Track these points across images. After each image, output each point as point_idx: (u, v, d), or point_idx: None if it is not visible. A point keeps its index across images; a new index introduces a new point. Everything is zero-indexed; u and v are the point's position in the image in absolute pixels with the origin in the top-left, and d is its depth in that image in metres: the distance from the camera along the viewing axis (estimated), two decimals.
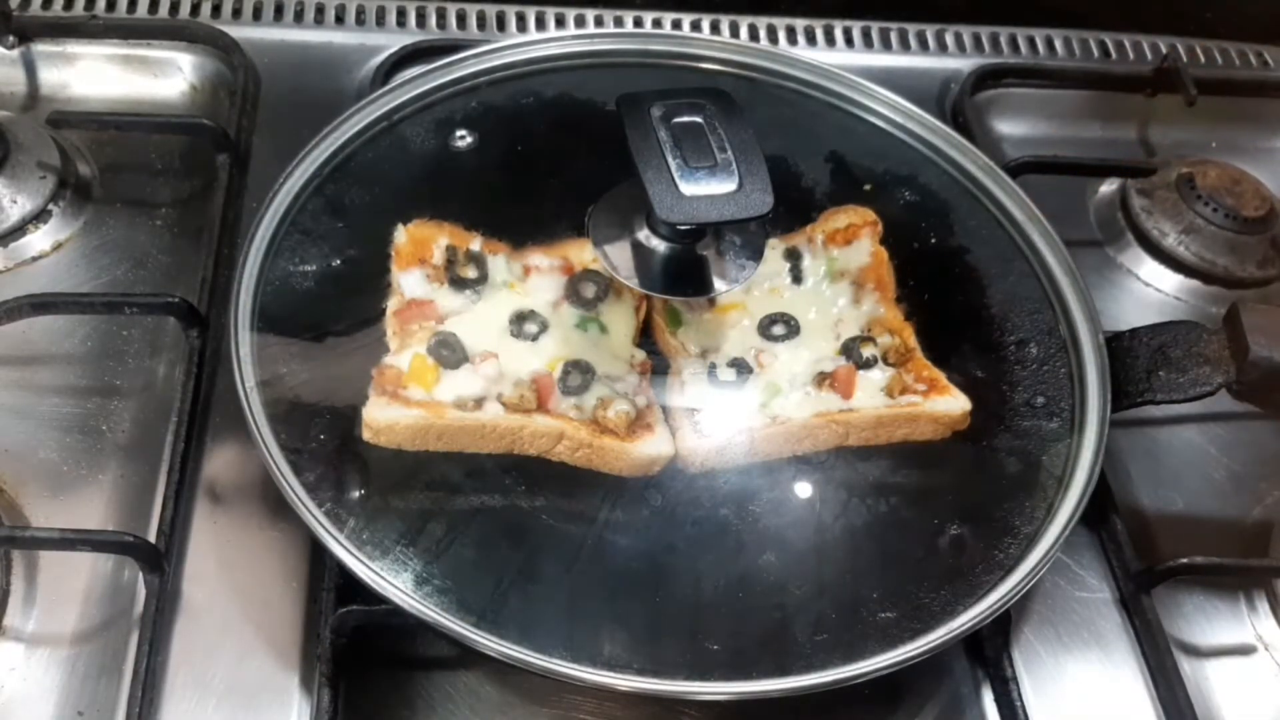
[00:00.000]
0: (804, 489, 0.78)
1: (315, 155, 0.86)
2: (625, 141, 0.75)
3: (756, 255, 0.81)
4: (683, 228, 0.77)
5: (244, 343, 0.76)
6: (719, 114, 0.74)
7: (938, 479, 0.80)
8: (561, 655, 0.68)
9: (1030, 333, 0.86)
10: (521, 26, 1.13)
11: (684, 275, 0.79)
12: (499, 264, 0.81)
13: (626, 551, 0.74)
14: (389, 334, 0.78)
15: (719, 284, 0.79)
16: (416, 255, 0.81)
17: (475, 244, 0.83)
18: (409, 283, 0.80)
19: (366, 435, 0.74)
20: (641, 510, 0.75)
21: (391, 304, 0.80)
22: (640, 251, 0.79)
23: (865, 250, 0.86)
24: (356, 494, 0.73)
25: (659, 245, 0.79)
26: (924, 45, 1.18)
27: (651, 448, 0.75)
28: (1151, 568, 0.83)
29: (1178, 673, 0.79)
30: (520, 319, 0.79)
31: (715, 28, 1.15)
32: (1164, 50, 1.19)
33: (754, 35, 1.16)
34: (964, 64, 1.15)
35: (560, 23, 1.13)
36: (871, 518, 0.76)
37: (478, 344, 0.78)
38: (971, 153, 0.94)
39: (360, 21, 1.11)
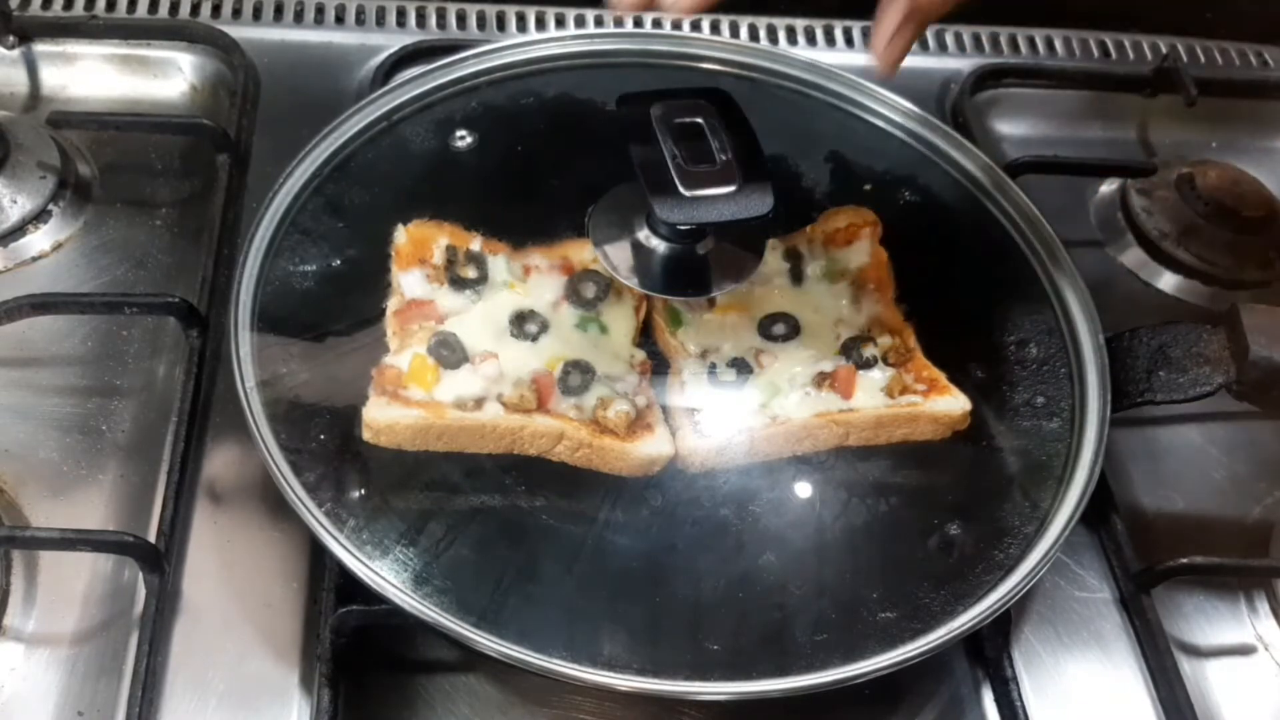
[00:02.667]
0: (804, 489, 0.78)
1: (315, 155, 0.86)
2: (625, 141, 0.75)
3: (757, 255, 0.81)
4: (683, 228, 0.77)
5: (244, 343, 0.76)
6: (719, 114, 0.74)
7: (938, 479, 0.80)
8: (561, 655, 0.67)
9: (1030, 333, 0.86)
10: (521, 26, 1.13)
11: (684, 275, 0.79)
12: (499, 264, 0.81)
13: (626, 551, 0.74)
14: (389, 334, 0.78)
15: (719, 284, 0.79)
16: (416, 255, 0.81)
17: (475, 244, 0.83)
18: (409, 283, 0.80)
19: (366, 435, 0.74)
20: (641, 510, 0.75)
21: (391, 304, 0.80)
22: (640, 251, 0.79)
23: (865, 250, 0.86)
24: (356, 494, 0.73)
25: (659, 245, 0.79)
26: (924, 45, 1.18)
27: (651, 448, 0.75)
28: (1151, 568, 0.83)
29: (1178, 673, 0.79)
30: (520, 319, 0.79)
31: (715, 28, 1.15)
32: (1164, 50, 1.19)
33: (754, 35, 1.16)
34: (964, 64, 1.15)
35: (560, 23, 1.13)
36: (871, 518, 0.76)
37: (478, 344, 0.78)
38: (971, 153, 0.94)
39: (360, 21, 1.11)
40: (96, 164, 0.98)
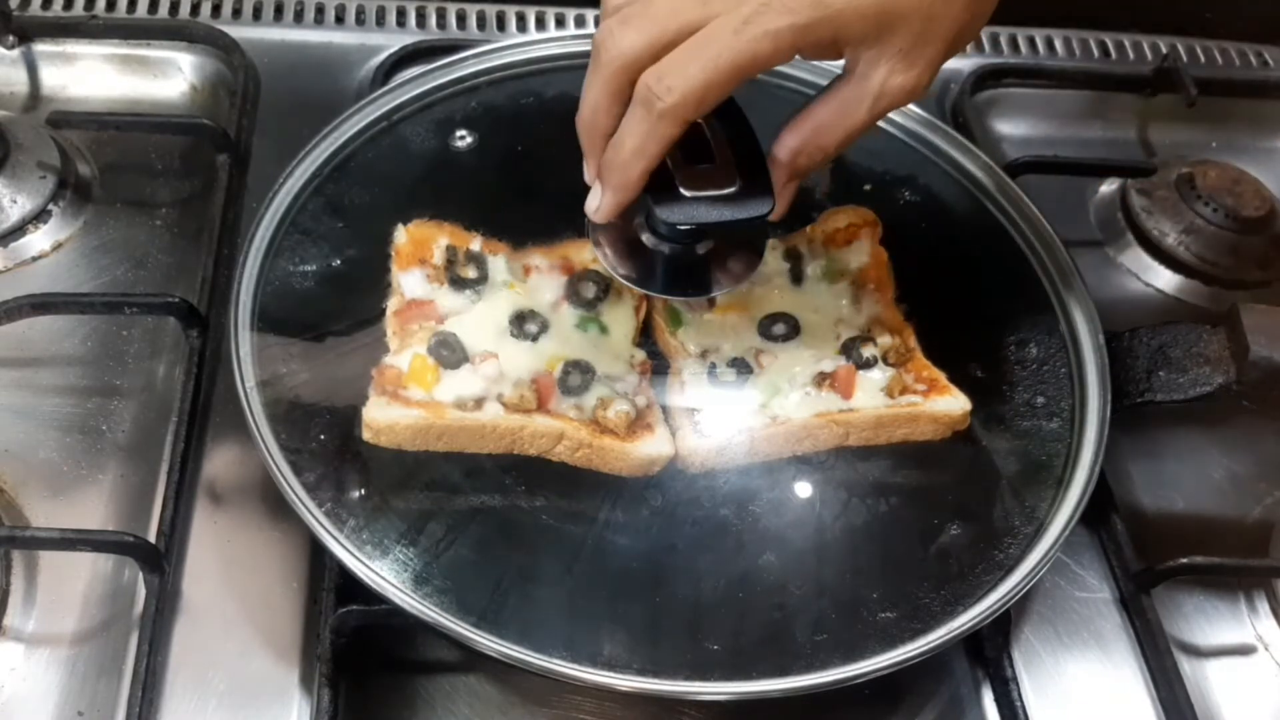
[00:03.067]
0: (804, 489, 0.78)
1: (315, 155, 0.86)
2: None
3: (757, 255, 0.80)
4: (682, 228, 0.77)
5: (244, 343, 0.76)
6: (719, 114, 0.74)
7: (938, 479, 0.80)
8: (561, 655, 0.68)
9: (1030, 333, 0.86)
10: (521, 26, 1.13)
11: (684, 275, 0.79)
12: (499, 264, 0.81)
13: (626, 551, 0.74)
14: (389, 334, 0.78)
15: (718, 284, 0.79)
16: (416, 255, 0.81)
17: (475, 244, 0.83)
18: (409, 283, 0.80)
19: (366, 435, 0.74)
20: (641, 510, 0.75)
21: (391, 304, 0.80)
22: (640, 251, 0.79)
23: (865, 250, 0.86)
24: (356, 494, 0.73)
25: (658, 245, 0.79)
26: None
27: (651, 448, 0.75)
28: (1151, 568, 0.83)
29: (1178, 673, 0.79)
30: (520, 319, 0.79)
31: None
32: (1164, 50, 1.19)
33: None
34: (964, 64, 1.15)
35: (560, 23, 1.13)
36: (871, 518, 0.76)
37: (478, 344, 0.78)
38: (971, 153, 0.94)
39: (360, 21, 1.11)
40: (96, 164, 0.98)
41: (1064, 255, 0.89)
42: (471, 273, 0.81)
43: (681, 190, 0.71)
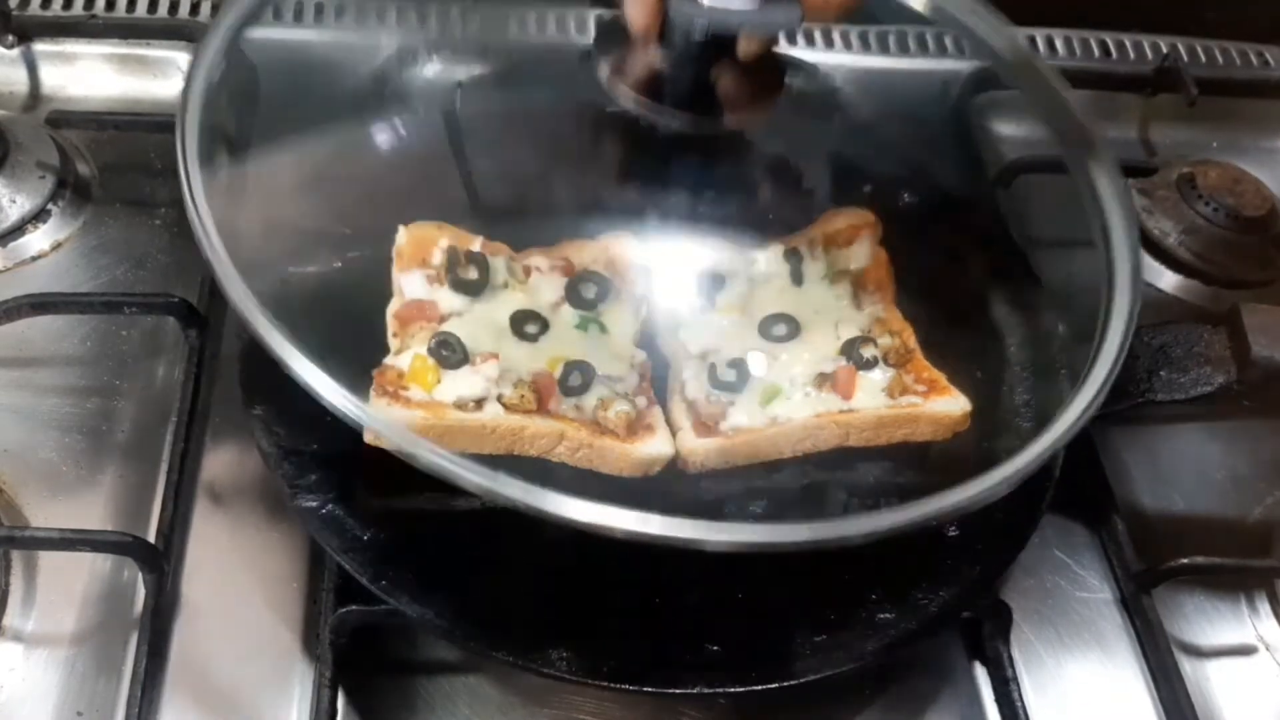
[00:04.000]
0: (804, 489, 0.77)
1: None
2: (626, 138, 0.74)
3: (776, 88, 0.74)
4: (698, 40, 0.69)
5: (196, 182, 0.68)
6: None
7: (938, 479, 0.80)
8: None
9: (1030, 332, 0.86)
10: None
11: (694, 98, 0.73)
12: (499, 265, 0.81)
13: (626, 552, 0.74)
14: (389, 334, 0.78)
15: (735, 116, 0.74)
16: (417, 256, 0.81)
17: (476, 245, 0.82)
18: (409, 283, 0.80)
19: (367, 436, 0.74)
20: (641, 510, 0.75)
21: (392, 304, 0.79)
22: (649, 72, 0.73)
23: (865, 251, 0.86)
24: (356, 494, 0.73)
25: (675, 70, 0.72)
26: (924, 47, 1.18)
27: (651, 448, 0.75)
28: (1152, 568, 0.83)
29: (1178, 673, 0.79)
30: (521, 319, 0.79)
31: None
32: (1164, 50, 1.19)
33: None
34: (964, 65, 1.15)
35: (561, 25, 1.13)
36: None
37: (478, 344, 0.77)
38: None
39: (360, 21, 1.11)
40: (96, 164, 0.98)
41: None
42: (472, 273, 0.81)
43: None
